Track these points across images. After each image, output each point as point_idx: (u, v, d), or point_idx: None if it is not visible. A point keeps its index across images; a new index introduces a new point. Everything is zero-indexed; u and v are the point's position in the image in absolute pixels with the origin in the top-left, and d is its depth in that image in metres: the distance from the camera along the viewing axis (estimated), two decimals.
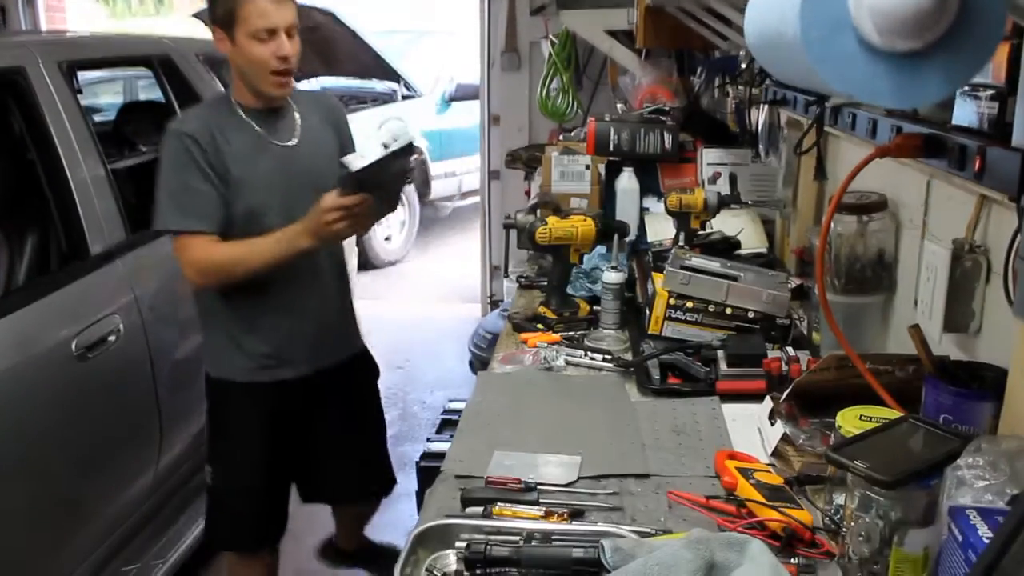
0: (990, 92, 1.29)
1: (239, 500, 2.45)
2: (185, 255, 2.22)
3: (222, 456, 2.45)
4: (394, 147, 2.06)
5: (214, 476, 2.45)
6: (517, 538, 1.29)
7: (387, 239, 7.28)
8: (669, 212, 2.48)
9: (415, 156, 2.28)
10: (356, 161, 2.02)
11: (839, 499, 1.33)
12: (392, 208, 2.23)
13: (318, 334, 2.41)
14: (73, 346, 2.50)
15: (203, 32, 5.51)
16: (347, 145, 2.46)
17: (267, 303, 2.32)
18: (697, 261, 2.14)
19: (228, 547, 2.60)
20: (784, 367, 1.82)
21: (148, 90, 4.78)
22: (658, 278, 2.15)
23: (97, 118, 4.23)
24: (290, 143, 2.32)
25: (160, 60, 3.60)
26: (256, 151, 2.26)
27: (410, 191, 7.91)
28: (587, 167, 3.01)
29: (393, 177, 2.20)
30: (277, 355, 2.36)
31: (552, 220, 2.29)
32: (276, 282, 2.27)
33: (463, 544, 1.28)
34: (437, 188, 8.42)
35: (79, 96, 3.00)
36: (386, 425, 2.79)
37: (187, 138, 2.19)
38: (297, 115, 2.36)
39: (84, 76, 3.69)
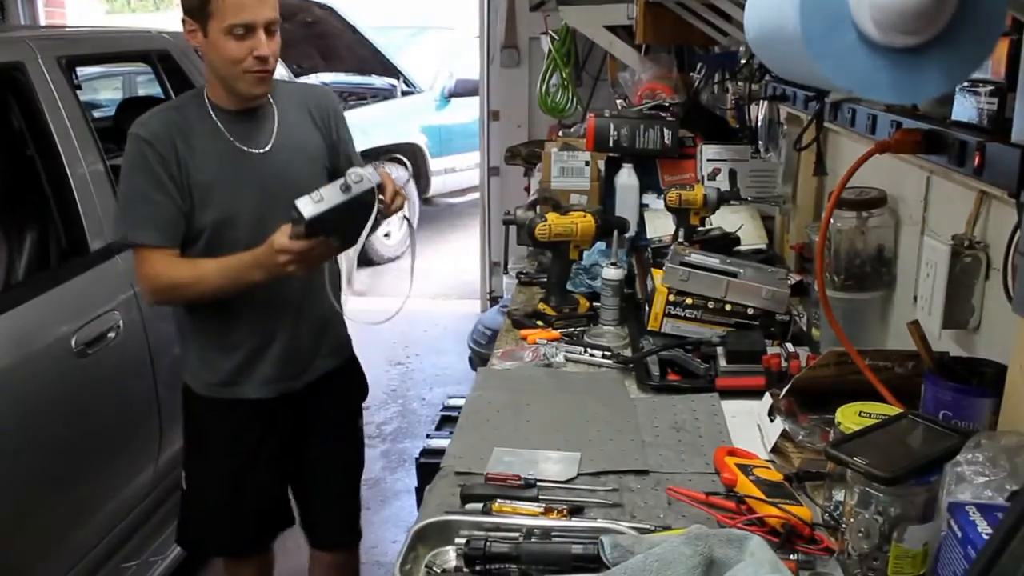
0: (990, 88, 1.29)
1: (206, 507, 2.33)
2: (140, 269, 2.09)
3: (191, 463, 2.35)
4: (353, 192, 1.87)
5: (186, 480, 2.36)
6: (517, 534, 1.29)
7: (387, 235, 7.27)
8: (669, 208, 2.48)
9: (381, 198, 2.05)
10: (308, 207, 1.83)
11: (838, 495, 1.33)
12: (351, 244, 2.01)
13: (287, 355, 2.22)
14: (73, 342, 2.50)
15: None
16: (339, 144, 2.27)
17: (232, 320, 2.17)
18: (696, 257, 2.14)
19: (193, 550, 2.58)
20: (783, 363, 1.82)
21: (147, 85, 4.77)
22: (657, 274, 2.15)
23: (96, 114, 4.23)
24: (263, 149, 2.12)
25: (159, 55, 3.59)
26: (223, 158, 2.08)
27: (410, 188, 7.89)
28: (587, 163, 3.00)
29: (353, 220, 1.94)
30: (238, 373, 2.20)
31: (552, 216, 2.29)
32: (243, 299, 2.11)
33: (463, 540, 1.28)
34: (436, 184, 8.42)
35: (78, 92, 3.00)
36: (362, 463, 2.55)
37: (144, 144, 2.03)
38: (276, 114, 2.16)
39: (83, 71, 3.69)
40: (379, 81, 7.86)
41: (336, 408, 2.38)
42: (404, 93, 8.06)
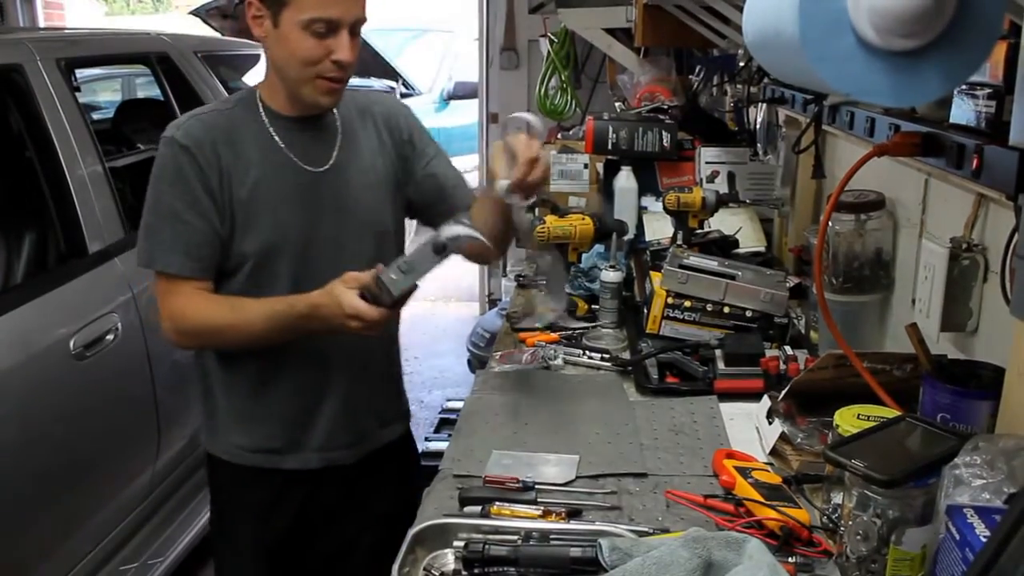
0: (987, 91, 1.29)
1: None
2: (164, 303, 1.76)
3: (219, 547, 2.03)
4: (447, 254, 1.63)
5: (216, 568, 2.04)
6: (515, 537, 1.29)
7: None
8: (667, 211, 2.48)
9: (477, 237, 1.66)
10: (398, 280, 1.59)
11: (837, 498, 1.33)
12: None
13: (340, 419, 1.87)
14: (71, 345, 2.50)
15: (202, 29, 5.51)
16: (414, 161, 1.92)
17: (276, 371, 1.83)
18: (695, 260, 2.14)
19: None
20: (782, 366, 1.82)
21: (147, 87, 4.77)
22: (656, 277, 2.15)
23: (95, 116, 4.23)
24: (322, 168, 1.79)
25: (158, 57, 3.59)
26: (275, 174, 1.75)
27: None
28: (585, 166, 3.01)
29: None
30: (279, 438, 1.86)
31: (550, 219, 2.29)
32: (289, 345, 1.77)
33: (461, 543, 1.28)
34: None
35: (77, 94, 3.00)
36: None
37: (181, 150, 1.70)
38: (340, 127, 1.83)
39: (82, 73, 3.69)
40: (378, 83, 7.86)
41: (395, 494, 1.95)
42: (403, 95, 8.06)
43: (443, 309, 6.20)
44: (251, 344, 1.76)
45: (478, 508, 1.42)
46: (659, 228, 2.72)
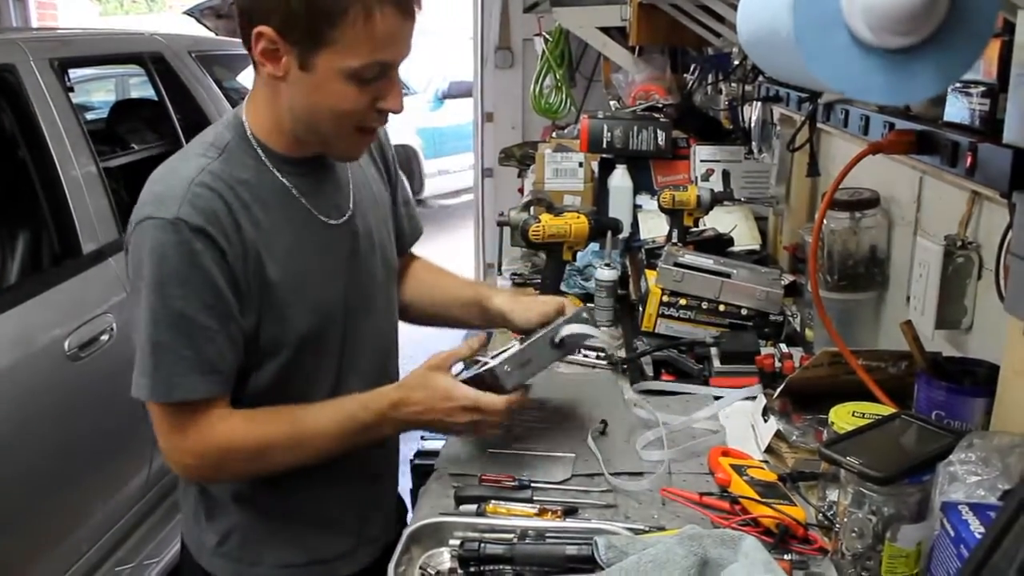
0: (981, 89, 1.30)
1: None
2: (184, 438, 1.35)
3: None
4: (565, 350, 1.56)
5: None
6: (511, 536, 1.29)
7: None
8: (662, 209, 2.48)
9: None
10: (514, 374, 1.47)
11: (832, 495, 1.33)
12: None
13: (373, 499, 1.64)
14: (66, 345, 2.49)
15: (196, 29, 5.50)
16: (397, 187, 1.71)
17: (328, 476, 1.48)
18: (690, 258, 2.14)
19: None
20: (777, 364, 1.81)
21: (141, 87, 4.76)
22: (651, 275, 2.15)
23: (89, 116, 4.22)
24: (343, 217, 1.48)
25: (152, 57, 3.59)
26: (303, 238, 1.41)
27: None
28: (580, 164, 3.00)
29: None
30: (327, 543, 1.54)
31: (545, 218, 2.28)
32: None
33: (457, 542, 1.28)
34: (430, 186, 8.41)
35: (71, 94, 2.99)
36: None
37: (197, 236, 1.28)
38: (347, 166, 1.52)
39: (76, 73, 3.68)
40: None
41: None
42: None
43: None
44: (306, 463, 1.41)
45: (474, 507, 1.42)
46: (654, 226, 2.72)
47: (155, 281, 1.29)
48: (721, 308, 2.06)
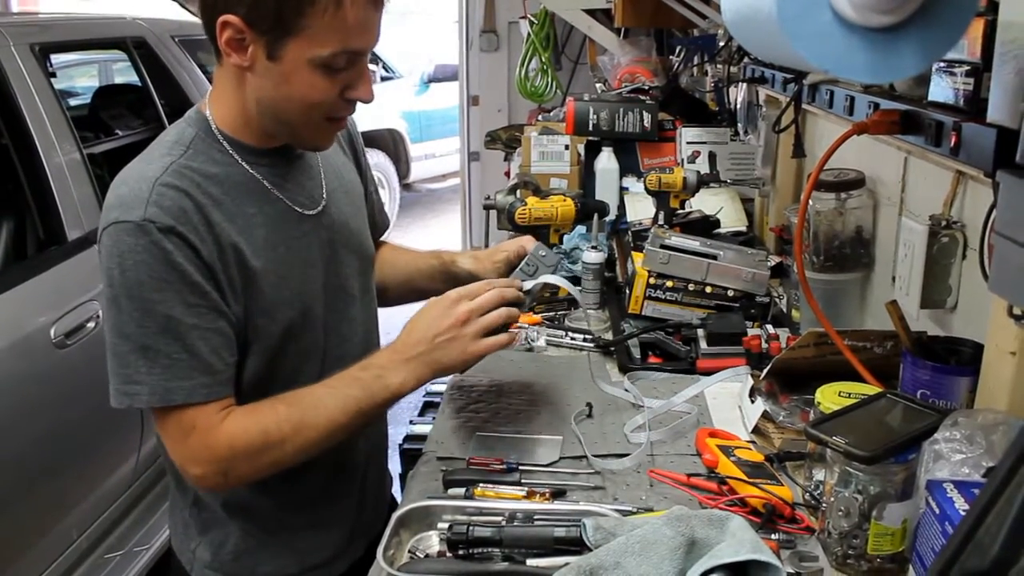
0: (965, 68, 1.30)
1: None
2: (196, 444, 1.31)
3: None
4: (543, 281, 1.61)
5: None
6: (499, 518, 1.29)
7: None
8: (649, 192, 2.47)
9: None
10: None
11: (819, 475, 1.33)
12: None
13: (369, 489, 1.65)
14: (52, 333, 2.48)
15: (179, 13, 5.46)
16: (366, 170, 1.71)
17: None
18: (677, 240, 2.14)
19: None
20: (764, 345, 1.83)
21: (125, 72, 4.73)
22: (638, 257, 2.15)
23: (72, 102, 4.19)
24: (318, 207, 1.47)
25: (135, 42, 3.56)
26: (277, 229, 1.39)
27: (391, 173, 7.89)
28: (566, 147, 3.00)
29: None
30: (321, 544, 1.54)
31: (532, 201, 2.27)
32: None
33: (445, 525, 1.28)
34: (417, 170, 8.39)
35: (53, 79, 2.97)
36: None
37: (167, 236, 1.25)
38: (318, 155, 1.51)
39: (58, 59, 3.65)
40: None
41: None
42: (383, 79, 8.04)
43: None
44: (314, 447, 1.36)
45: (462, 490, 1.42)
46: (641, 209, 2.72)
47: (132, 287, 1.26)
48: (708, 290, 2.06)
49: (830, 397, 1.36)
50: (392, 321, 1.66)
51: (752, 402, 1.64)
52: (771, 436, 1.57)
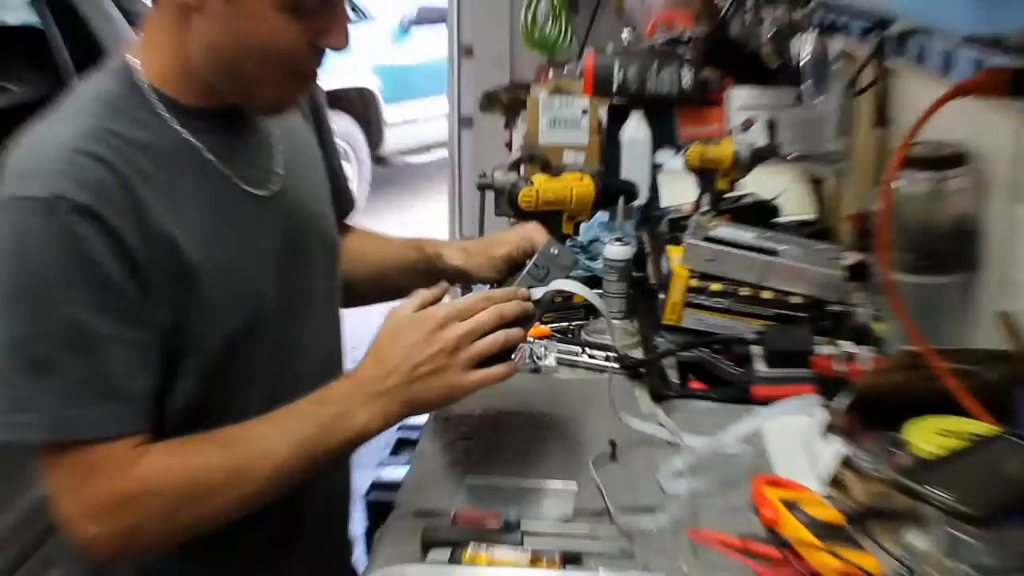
0: None
1: None
2: (80, 491, 1.25)
3: None
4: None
5: None
6: None
7: None
8: (689, 169, 2.48)
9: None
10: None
11: (914, 540, 1.31)
12: None
13: (327, 554, 1.70)
14: None
15: None
16: (329, 150, 1.74)
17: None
18: (725, 232, 2.14)
19: None
20: (839, 367, 1.82)
21: (18, 10, 4.71)
22: (675, 253, 2.15)
23: None
24: (271, 189, 1.47)
25: None
26: (222, 212, 1.39)
27: (359, 142, 7.91)
28: (584, 112, 3.01)
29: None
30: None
31: (540, 179, 2.27)
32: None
33: None
34: (392, 139, 8.40)
35: None
36: None
37: (83, 219, 1.21)
38: (273, 121, 1.52)
39: None
40: None
41: None
42: (349, 23, 8.05)
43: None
44: (250, 502, 1.33)
45: (447, 553, 1.41)
46: (678, 191, 2.71)
47: (28, 282, 1.21)
48: (765, 295, 2.06)
49: (926, 436, 1.36)
50: (360, 332, 1.64)
51: (826, 442, 1.62)
52: (850, 487, 1.55)
